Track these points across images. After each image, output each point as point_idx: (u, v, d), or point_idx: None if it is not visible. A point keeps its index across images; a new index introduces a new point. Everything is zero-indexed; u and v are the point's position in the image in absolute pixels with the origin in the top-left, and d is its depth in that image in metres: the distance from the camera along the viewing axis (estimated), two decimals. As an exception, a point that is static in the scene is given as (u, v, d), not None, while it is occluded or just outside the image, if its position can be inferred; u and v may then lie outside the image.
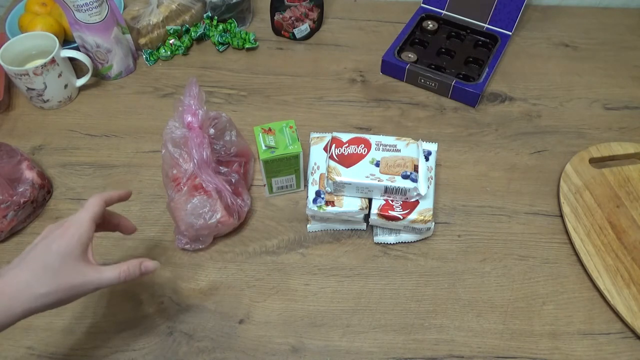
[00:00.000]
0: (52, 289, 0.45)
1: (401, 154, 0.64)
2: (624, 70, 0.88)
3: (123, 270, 0.49)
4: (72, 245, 0.47)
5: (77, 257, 0.47)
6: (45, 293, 0.45)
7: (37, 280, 0.45)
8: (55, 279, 0.45)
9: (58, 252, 0.46)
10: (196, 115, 0.62)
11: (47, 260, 0.46)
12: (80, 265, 0.47)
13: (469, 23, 0.92)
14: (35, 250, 0.47)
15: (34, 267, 0.45)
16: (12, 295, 0.44)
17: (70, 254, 0.47)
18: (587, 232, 0.66)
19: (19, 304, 0.44)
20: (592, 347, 0.58)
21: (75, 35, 0.81)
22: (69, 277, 0.46)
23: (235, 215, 0.65)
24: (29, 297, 0.44)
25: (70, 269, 0.46)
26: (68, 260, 0.46)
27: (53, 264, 0.46)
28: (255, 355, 0.58)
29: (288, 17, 0.91)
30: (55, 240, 0.47)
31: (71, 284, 0.46)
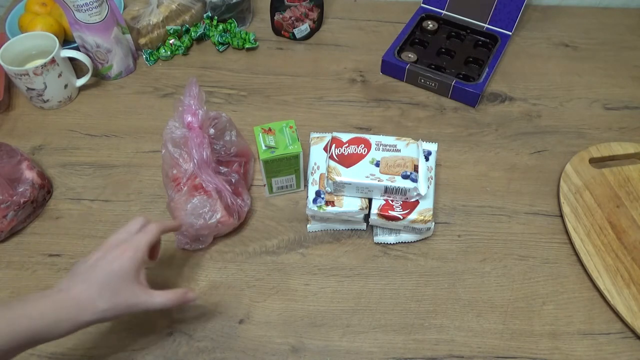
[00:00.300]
0: (111, 306, 0.49)
1: (401, 154, 0.64)
2: (624, 70, 0.88)
3: (169, 298, 0.52)
4: (129, 267, 0.51)
5: (132, 279, 0.51)
6: (105, 309, 0.49)
7: (100, 297, 0.49)
8: (114, 298, 0.49)
9: (117, 273, 0.50)
10: (196, 115, 0.62)
11: (108, 280, 0.50)
12: (135, 286, 0.51)
13: (469, 23, 0.92)
14: (97, 268, 0.50)
15: (97, 284, 0.49)
16: (80, 307, 0.48)
17: (127, 275, 0.50)
18: (587, 232, 0.66)
19: (84, 317, 0.48)
20: (592, 347, 0.58)
21: (75, 35, 0.81)
22: (125, 297, 0.50)
23: (235, 215, 0.65)
24: (92, 311, 0.48)
25: (126, 290, 0.50)
26: (125, 281, 0.50)
27: (113, 284, 0.50)
28: (255, 355, 0.58)
29: (288, 17, 0.91)
30: (115, 261, 0.51)
31: (127, 304, 0.50)
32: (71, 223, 0.69)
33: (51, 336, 0.47)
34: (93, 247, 0.66)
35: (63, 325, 0.47)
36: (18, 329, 0.44)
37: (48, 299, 0.47)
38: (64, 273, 0.64)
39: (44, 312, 0.46)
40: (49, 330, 0.46)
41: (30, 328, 0.45)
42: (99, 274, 0.50)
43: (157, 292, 0.52)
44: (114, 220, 0.69)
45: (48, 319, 0.46)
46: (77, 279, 0.50)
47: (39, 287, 0.63)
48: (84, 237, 0.68)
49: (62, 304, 0.47)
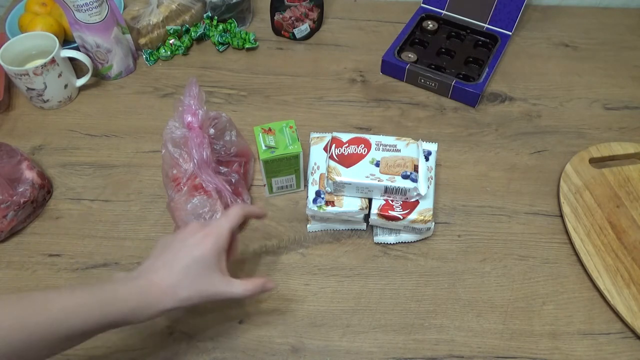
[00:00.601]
0: (190, 295, 0.48)
1: (401, 154, 0.64)
2: (624, 70, 0.88)
3: (249, 289, 0.51)
4: (210, 255, 0.50)
5: (213, 267, 0.50)
6: (185, 297, 0.48)
7: (180, 284, 0.48)
8: (194, 286, 0.49)
9: (198, 260, 0.49)
10: (196, 115, 0.62)
11: (189, 267, 0.49)
12: (215, 275, 0.50)
13: (469, 23, 0.92)
14: (180, 254, 0.49)
15: (179, 271, 0.48)
16: (162, 294, 0.47)
17: (208, 262, 0.49)
18: (587, 232, 0.66)
19: (166, 304, 0.47)
20: (592, 347, 0.58)
21: (75, 35, 0.81)
22: (205, 285, 0.49)
23: (235, 215, 0.65)
24: (173, 298, 0.48)
25: (206, 278, 0.49)
26: (206, 269, 0.49)
27: (194, 271, 0.49)
28: (255, 355, 0.58)
29: (288, 17, 0.91)
30: (196, 247, 0.50)
31: (207, 293, 0.49)
32: (71, 223, 0.69)
33: (134, 320, 0.47)
34: (93, 247, 0.67)
35: (145, 311, 0.47)
36: (107, 312, 0.45)
37: (132, 284, 0.47)
38: (64, 273, 0.64)
39: (129, 298, 0.46)
40: (133, 315, 0.46)
41: (119, 311, 0.45)
42: (180, 260, 0.49)
43: (237, 281, 0.51)
44: (114, 220, 0.69)
45: (132, 304, 0.46)
46: (159, 264, 0.49)
47: (39, 287, 0.63)
48: (84, 237, 0.68)
49: (145, 289, 0.47)
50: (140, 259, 0.66)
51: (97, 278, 0.64)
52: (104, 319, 0.45)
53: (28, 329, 0.41)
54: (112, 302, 0.45)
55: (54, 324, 0.42)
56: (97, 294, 0.45)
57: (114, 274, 0.48)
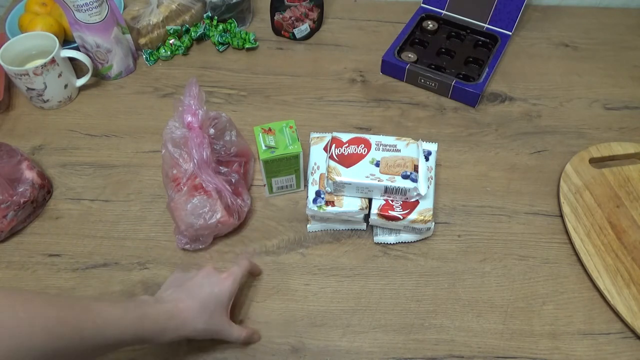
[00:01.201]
0: (204, 327, 0.52)
1: (401, 154, 0.64)
2: (624, 70, 0.88)
3: (242, 335, 0.56)
4: (226, 295, 0.54)
5: (224, 307, 0.54)
6: (199, 329, 0.52)
7: (199, 316, 0.52)
8: (208, 320, 0.53)
9: (217, 297, 0.54)
10: (196, 115, 0.62)
11: (209, 302, 0.53)
12: (223, 315, 0.55)
13: (469, 23, 0.92)
14: (202, 288, 0.54)
15: (200, 303, 0.52)
16: (184, 322, 0.51)
17: (223, 302, 0.54)
18: (587, 232, 0.66)
19: (185, 331, 0.51)
20: (592, 347, 0.58)
21: (75, 35, 0.81)
22: (216, 322, 0.54)
23: (235, 215, 0.65)
24: (192, 327, 0.52)
25: (219, 316, 0.54)
26: (220, 307, 0.54)
27: (211, 307, 0.53)
28: (255, 355, 0.58)
29: (288, 17, 0.91)
30: (217, 285, 0.54)
31: (215, 329, 0.54)
32: (71, 223, 0.69)
33: (157, 341, 0.50)
34: (93, 247, 0.67)
35: (168, 334, 0.50)
36: (140, 328, 0.48)
37: (162, 307, 0.50)
38: (64, 273, 0.64)
39: (158, 319, 0.49)
40: (157, 335, 0.49)
41: (148, 330, 0.48)
42: (202, 293, 0.53)
43: (236, 326, 0.56)
44: (114, 220, 0.69)
45: (159, 325, 0.49)
46: (183, 294, 0.53)
47: (39, 287, 0.63)
48: (84, 237, 0.68)
49: (172, 314, 0.50)
50: (140, 259, 0.66)
51: (97, 278, 0.64)
52: (134, 334, 0.47)
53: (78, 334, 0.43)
54: (146, 322, 0.48)
55: (96, 332, 0.44)
56: (133, 310, 0.48)
57: (140, 297, 0.52)
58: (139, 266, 0.65)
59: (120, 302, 0.49)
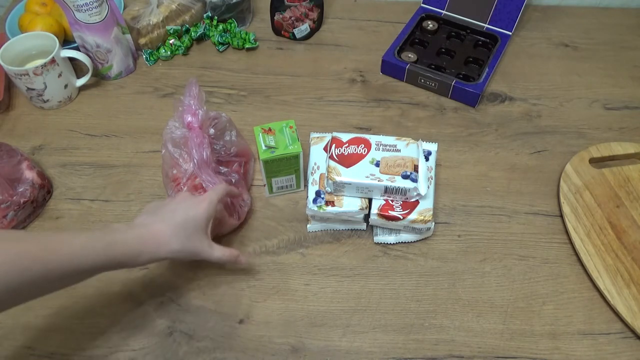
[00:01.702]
0: (182, 249, 0.54)
1: (401, 154, 0.64)
2: (624, 70, 0.88)
3: (225, 255, 0.58)
4: (202, 218, 0.55)
5: (203, 229, 0.56)
6: (176, 250, 0.53)
7: (175, 238, 0.53)
8: (186, 242, 0.54)
9: (193, 219, 0.55)
10: (196, 115, 0.62)
11: (184, 224, 0.54)
12: (202, 236, 0.56)
13: (469, 23, 0.92)
14: (176, 212, 0.55)
15: (175, 226, 0.53)
16: (159, 244, 0.53)
17: (199, 224, 0.55)
18: (587, 232, 0.66)
19: (160, 253, 0.53)
20: (592, 347, 0.58)
21: (75, 35, 0.81)
22: (194, 243, 0.55)
23: (235, 215, 0.65)
24: (167, 249, 0.53)
25: (196, 237, 0.55)
26: (197, 229, 0.55)
27: (188, 228, 0.54)
28: (255, 355, 0.58)
29: (288, 17, 0.91)
30: (192, 209, 0.55)
31: (193, 250, 0.55)
32: (71, 223, 0.69)
33: (132, 264, 0.51)
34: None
35: (143, 256, 0.51)
36: (111, 254, 0.49)
37: (133, 232, 0.52)
38: (64, 273, 0.64)
39: (130, 243, 0.51)
40: (132, 259, 0.51)
41: (120, 255, 0.50)
42: (177, 217, 0.54)
43: (217, 246, 0.57)
44: (114, 220, 0.69)
45: (132, 249, 0.51)
46: (157, 219, 0.54)
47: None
48: (84, 237, 0.68)
49: (145, 238, 0.52)
50: (140, 259, 0.66)
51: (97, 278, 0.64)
52: (106, 260, 0.49)
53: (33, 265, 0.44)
54: (116, 248, 0.49)
55: (60, 261, 0.46)
56: (102, 239, 0.49)
57: (111, 224, 0.53)
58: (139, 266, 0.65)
59: (87, 231, 0.51)
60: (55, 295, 0.62)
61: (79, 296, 0.62)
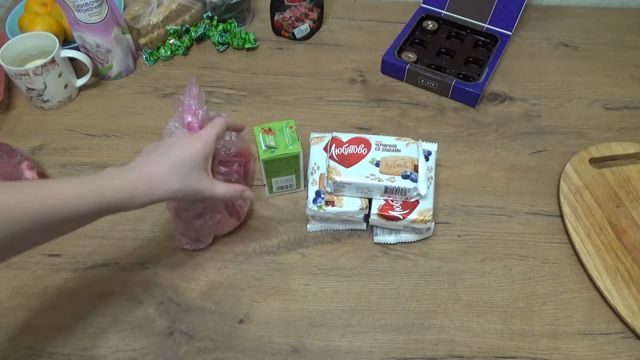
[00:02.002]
0: (180, 188, 0.52)
1: (401, 154, 0.64)
2: (624, 70, 0.88)
3: (229, 191, 0.56)
4: (200, 155, 0.54)
5: (201, 167, 0.54)
6: (175, 190, 0.52)
7: (172, 178, 0.52)
8: (184, 181, 0.52)
9: (189, 158, 0.53)
10: (196, 115, 0.62)
11: (181, 164, 0.53)
12: (202, 174, 0.54)
13: (469, 23, 0.92)
14: (171, 152, 0.53)
15: (170, 167, 0.52)
16: (153, 185, 0.51)
17: (197, 162, 0.53)
18: (587, 232, 0.66)
19: (157, 194, 0.51)
20: (592, 347, 0.58)
21: (75, 35, 0.81)
22: (193, 181, 0.53)
23: (235, 215, 0.65)
24: (164, 190, 0.52)
25: (195, 176, 0.53)
26: (195, 167, 0.53)
27: (184, 168, 0.53)
28: (255, 355, 0.58)
29: (288, 17, 0.91)
30: (188, 148, 0.54)
31: (194, 188, 0.53)
32: (71, 223, 0.69)
33: (129, 208, 0.50)
34: (93, 247, 0.67)
35: (139, 199, 0.50)
36: (104, 200, 0.48)
37: (126, 175, 0.51)
38: (64, 273, 0.64)
39: (123, 187, 0.50)
40: (127, 203, 0.50)
41: (114, 199, 0.49)
42: (172, 157, 0.53)
43: (220, 182, 0.56)
44: (114, 220, 0.69)
45: (126, 192, 0.49)
46: (151, 160, 0.53)
47: (39, 287, 0.63)
48: (84, 237, 0.68)
49: (138, 180, 0.51)
50: (140, 259, 0.66)
51: (97, 278, 0.64)
52: (98, 206, 0.48)
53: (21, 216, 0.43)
54: (108, 192, 0.48)
55: (48, 211, 0.45)
56: (92, 183, 0.48)
57: (105, 168, 0.51)
58: (139, 266, 0.65)
59: (79, 178, 0.49)
60: (55, 295, 0.62)
61: (79, 296, 0.62)
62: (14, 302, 0.62)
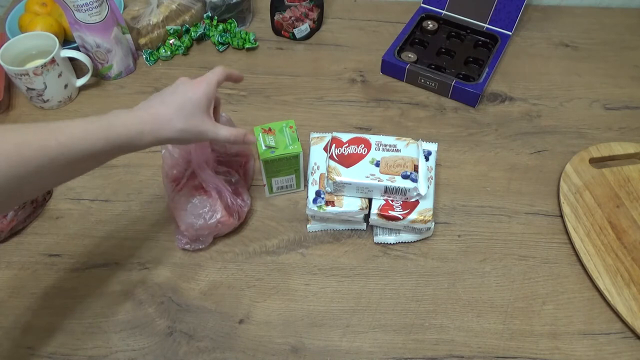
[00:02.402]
0: (185, 127, 0.54)
1: (401, 154, 0.64)
2: (624, 70, 0.88)
3: (232, 134, 0.58)
4: (202, 98, 0.55)
5: (203, 109, 0.56)
6: (180, 129, 0.54)
7: (177, 117, 0.53)
8: (188, 120, 0.54)
9: (192, 99, 0.55)
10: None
11: (184, 104, 0.54)
12: (205, 116, 0.56)
13: (469, 23, 0.92)
14: (175, 94, 0.55)
15: (175, 107, 0.54)
16: (161, 123, 0.53)
17: (200, 104, 0.55)
18: (587, 232, 0.66)
19: (164, 132, 0.53)
20: (592, 347, 0.58)
21: (75, 35, 0.81)
22: (197, 121, 0.55)
23: (235, 215, 0.65)
24: (170, 128, 0.53)
25: (198, 116, 0.55)
26: (199, 109, 0.55)
27: (188, 108, 0.54)
28: (255, 355, 0.58)
29: (288, 17, 0.91)
30: (190, 90, 0.56)
31: (198, 129, 0.55)
32: (71, 223, 0.69)
33: (136, 146, 0.52)
34: (93, 247, 0.67)
35: (146, 137, 0.52)
36: (113, 136, 0.49)
37: (132, 114, 0.52)
38: (64, 273, 0.64)
39: (130, 126, 0.51)
40: (135, 141, 0.51)
41: (121, 136, 0.50)
42: (176, 98, 0.54)
43: (223, 126, 0.57)
44: (114, 220, 0.69)
45: (133, 131, 0.51)
46: (156, 102, 0.54)
47: (39, 287, 0.63)
48: (84, 237, 0.68)
49: (145, 119, 0.52)
50: (140, 259, 0.66)
51: (97, 278, 0.64)
52: (108, 144, 0.49)
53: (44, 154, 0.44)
54: (115, 129, 0.50)
55: (62, 149, 0.46)
56: (100, 122, 0.49)
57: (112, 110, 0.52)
58: (139, 266, 0.65)
59: (86, 119, 0.50)
60: (55, 295, 0.62)
61: (79, 296, 0.63)
62: (14, 302, 0.62)
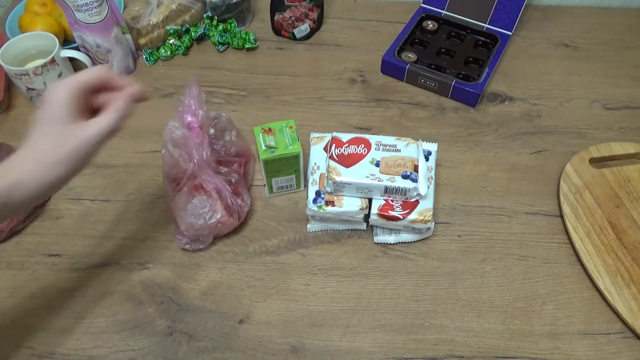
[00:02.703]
0: (62, 155, 0.46)
1: (401, 154, 0.64)
2: (624, 70, 0.88)
3: (114, 109, 0.48)
4: (56, 111, 0.46)
5: (66, 121, 0.46)
6: (57, 160, 0.46)
7: (49, 147, 0.46)
8: (61, 144, 0.46)
9: (48, 120, 0.46)
10: (196, 116, 0.62)
11: (46, 129, 0.46)
12: (73, 126, 0.47)
13: (469, 23, 0.92)
14: (36, 123, 0.47)
15: (41, 136, 0.46)
16: (35, 161, 0.45)
17: (58, 118, 0.46)
18: (587, 232, 0.66)
19: (42, 172, 0.45)
20: (592, 347, 0.58)
21: (75, 35, 0.81)
22: (70, 139, 0.46)
23: (235, 215, 0.65)
24: (47, 165, 0.45)
25: (69, 132, 0.46)
26: (61, 124, 0.46)
27: (52, 131, 0.46)
28: (255, 355, 0.58)
29: (288, 17, 0.91)
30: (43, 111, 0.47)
31: (76, 145, 0.46)
32: (71, 223, 0.69)
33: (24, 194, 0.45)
34: (93, 247, 0.67)
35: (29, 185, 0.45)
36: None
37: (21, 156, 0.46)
38: (64, 273, 0.64)
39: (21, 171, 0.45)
40: (21, 188, 0.45)
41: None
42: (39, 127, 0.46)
43: (97, 117, 0.48)
44: (114, 220, 0.69)
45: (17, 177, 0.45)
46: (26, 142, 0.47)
47: (39, 287, 0.63)
48: (84, 237, 0.68)
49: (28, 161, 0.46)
50: (140, 259, 0.66)
51: (97, 278, 0.64)
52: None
53: None
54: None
55: None
56: None
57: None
58: (139, 266, 0.65)
59: None
60: (55, 295, 0.62)
61: (79, 296, 0.63)
62: (14, 302, 0.62)
